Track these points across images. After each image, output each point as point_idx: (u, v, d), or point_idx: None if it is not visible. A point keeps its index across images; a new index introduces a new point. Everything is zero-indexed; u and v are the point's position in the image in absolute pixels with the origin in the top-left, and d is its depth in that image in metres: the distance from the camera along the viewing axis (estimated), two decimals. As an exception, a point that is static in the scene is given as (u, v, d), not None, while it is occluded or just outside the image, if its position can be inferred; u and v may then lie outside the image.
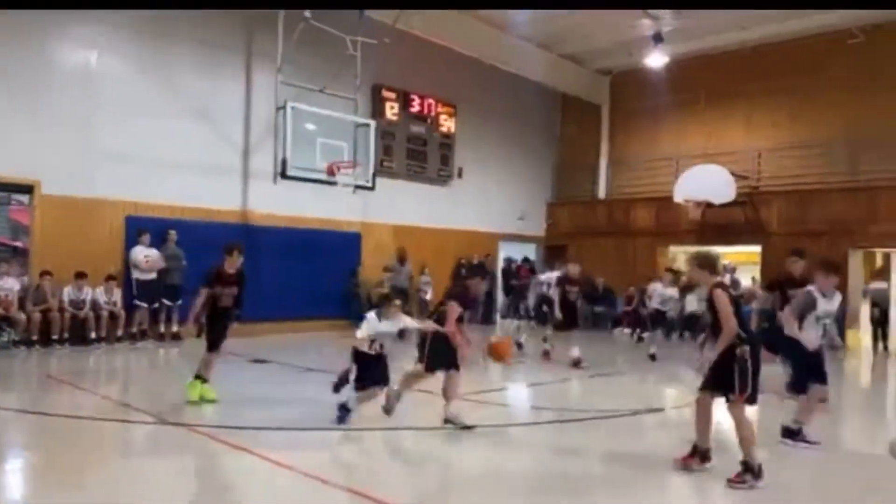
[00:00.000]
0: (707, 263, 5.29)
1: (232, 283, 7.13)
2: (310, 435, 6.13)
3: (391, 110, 16.23)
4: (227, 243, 7.27)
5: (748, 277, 17.52)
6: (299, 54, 12.98)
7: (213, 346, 7.19)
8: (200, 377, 7.15)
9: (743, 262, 18.92)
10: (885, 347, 14.08)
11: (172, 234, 12.37)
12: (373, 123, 13.98)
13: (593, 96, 19.79)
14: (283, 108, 12.42)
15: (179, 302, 12.06)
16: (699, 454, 5.21)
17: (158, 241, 12.22)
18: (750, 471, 4.88)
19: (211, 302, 7.08)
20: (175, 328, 12.33)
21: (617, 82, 19.60)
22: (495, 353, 8.17)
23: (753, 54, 16.58)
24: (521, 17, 15.46)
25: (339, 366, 6.65)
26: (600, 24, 16.00)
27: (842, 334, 13.63)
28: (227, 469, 5.32)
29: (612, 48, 17.68)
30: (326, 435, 6.10)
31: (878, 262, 16.94)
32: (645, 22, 15.32)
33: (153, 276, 12.06)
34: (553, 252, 20.10)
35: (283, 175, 12.44)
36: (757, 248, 16.66)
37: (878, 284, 14.74)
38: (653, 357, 11.68)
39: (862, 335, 14.66)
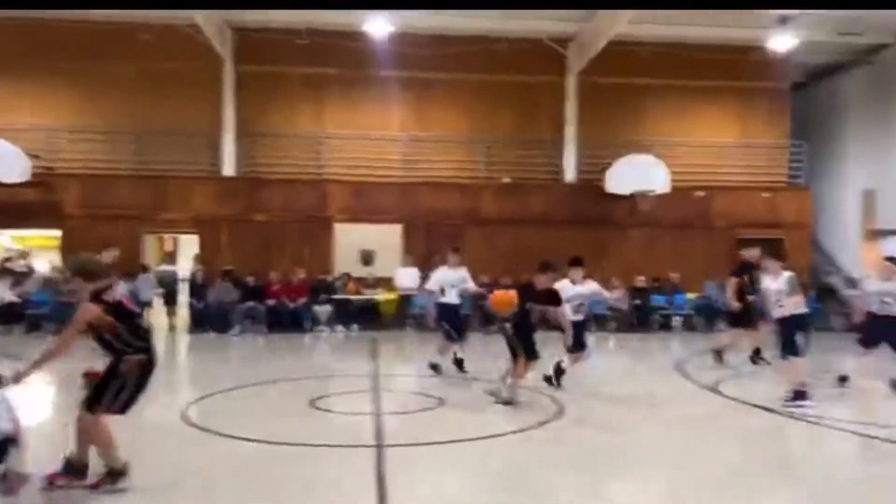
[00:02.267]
0: (85, 271, 4.79)
1: None
2: None
3: None
4: None
5: (46, 262, 16.89)
6: None
7: None
8: None
9: (42, 246, 18.09)
10: (174, 326, 15.16)
11: None
12: None
13: None
14: None
15: None
16: (77, 470, 4.86)
17: None
18: (114, 474, 4.84)
19: None
20: None
21: None
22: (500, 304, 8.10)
23: (59, 30, 15.63)
24: None
25: None
26: None
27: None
28: None
29: None
30: None
31: (169, 246, 18.68)
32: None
33: None
34: None
35: None
36: (57, 232, 16.12)
37: (167, 267, 16.11)
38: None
39: (157, 314, 15.47)
